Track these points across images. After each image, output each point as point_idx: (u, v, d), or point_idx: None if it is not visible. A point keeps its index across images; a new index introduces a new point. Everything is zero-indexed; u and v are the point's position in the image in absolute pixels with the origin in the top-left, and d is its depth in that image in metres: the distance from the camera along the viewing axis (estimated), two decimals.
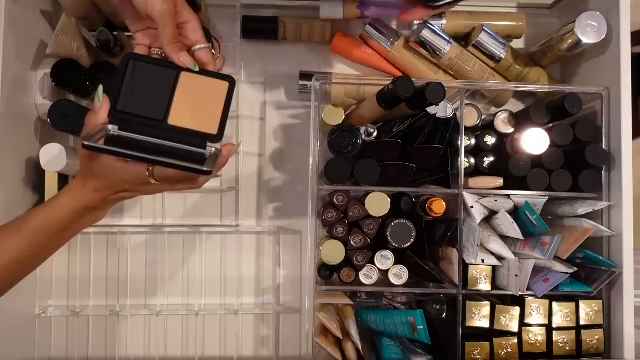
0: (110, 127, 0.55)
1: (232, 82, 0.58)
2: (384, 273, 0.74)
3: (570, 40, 0.78)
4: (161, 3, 0.54)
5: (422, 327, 0.69)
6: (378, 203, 0.72)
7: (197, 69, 0.57)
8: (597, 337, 0.73)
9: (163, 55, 0.58)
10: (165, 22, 0.55)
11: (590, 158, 0.73)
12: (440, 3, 0.57)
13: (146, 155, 0.52)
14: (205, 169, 0.52)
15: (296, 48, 0.88)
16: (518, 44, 0.89)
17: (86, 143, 0.51)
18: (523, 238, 0.72)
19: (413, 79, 0.68)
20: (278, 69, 0.88)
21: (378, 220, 0.74)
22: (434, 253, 0.78)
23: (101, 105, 0.55)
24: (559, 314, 0.73)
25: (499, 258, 0.73)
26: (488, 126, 0.80)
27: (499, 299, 0.75)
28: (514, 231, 0.72)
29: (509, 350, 0.73)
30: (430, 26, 0.81)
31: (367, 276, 0.74)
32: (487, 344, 0.73)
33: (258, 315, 0.86)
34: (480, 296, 0.75)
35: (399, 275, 0.74)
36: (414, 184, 0.75)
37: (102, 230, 0.84)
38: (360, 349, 0.73)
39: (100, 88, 0.56)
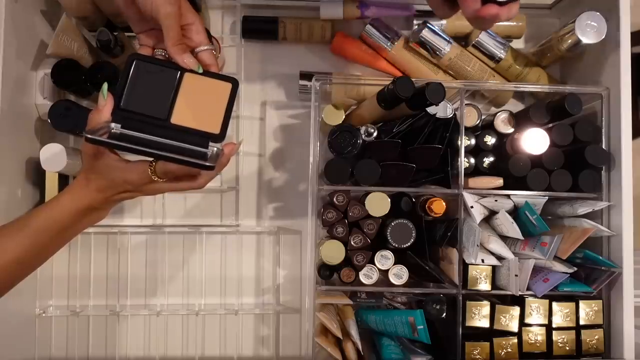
0: (113, 125, 0.56)
1: (235, 84, 0.59)
2: (384, 273, 0.74)
3: (570, 41, 0.78)
4: (166, 5, 0.54)
5: (422, 327, 0.70)
6: (378, 203, 0.73)
7: (200, 71, 0.58)
8: (596, 337, 0.74)
9: (166, 56, 0.59)
10: (170, 24, 0.55)
11: (590, 158, 0.73)
12: None
13: (148, 149, 0.53)
14: (207, 163, 0.53)
15: (296, 48, 0.88)
16: (518, 44, 0.89)
17: (89, 136, 0.51)
18: (523, 238, 0.72)
19: (413, 79, 0.68)
20: (278, 69, 0.88)
21: (378, 220, 0.74)
22: (434, 253, 0.78)
23: (105, 103, 0.56)
24: (559, 313, 0.73)
25: (499, 258, 0.73)
26: (488, 126, 0.81)
27: (499, 299, 0.75)
28: (514, 231, 0.72)
29: (509, 350, 0.73)
30: (430, 26, 0.81)
31: (367, 276, 0.74)
32: (487, 343, 0.73)
33: (258, 315, 0.86)
34: (480, 296, 0.75)
35: (399, 275, 0.74)
36: (414, 184, 0.75)
37: (102, 230, 0.84)
38: (360, 349, 0.73)
39: (105, 86, 0.56)
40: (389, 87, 0.69)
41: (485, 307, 0.73)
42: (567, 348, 0.74)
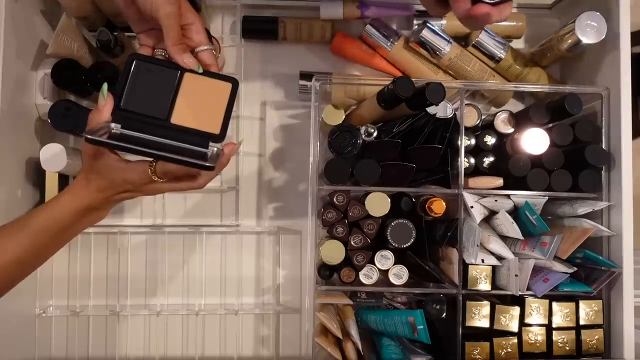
0: (113, 125, 0.56)
1: (235, 84, 0.59)
2: (384, 273, 0.74)
3: (570, 41, 0.78)
4: (166, 5, 0.54)
5: (422, 327, 0.70)
6: (378, 203, 0.73)
7: (200, 70, 0.58)
8: (596, 337, 0.74)
9: (166, 56, 0.59)
10: (170, 24, 0.55)
11: (590, 158, 0.73)
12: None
13: (148, 149, 0.53)
14: (207, 164, 0.53)
15: (296, 48, 0.88)
16: (518, 44, 0.89)
17: (89, 136, 0.51)
18: (523, 238, 0.72)
19: (413, 79, 0.68)
20: (278, 69, 0.88)
21: (378, 220, 0.74)
22: (434, 253, 0.78)
23: (105, 103, 0.56)
24: (559, 313, 0.73)
25: (499, 258, 0.73)
26: (488, 126, 0.81)
27: (499, 299, 0.75)
28: (514, 231, 0.72)
29: (509, 350, 0.73)
30: (430, 26, 0.81)
31: (367, 276, 0.74)
32: (487, 343, 0.73)
33: (258, 315, 0.86)
34: (480, 296, 0.75)
35: (399, 275, 0.74)
36: (414, 184, 0.75)
37: (102, 230, 0.84)
38: (360, 349, 0.73)
39: (105, 86, 0.56)
40: (389, 87, 0.69)
41: (485, 307, 0.73)
42: (567, 348, 0.74)
